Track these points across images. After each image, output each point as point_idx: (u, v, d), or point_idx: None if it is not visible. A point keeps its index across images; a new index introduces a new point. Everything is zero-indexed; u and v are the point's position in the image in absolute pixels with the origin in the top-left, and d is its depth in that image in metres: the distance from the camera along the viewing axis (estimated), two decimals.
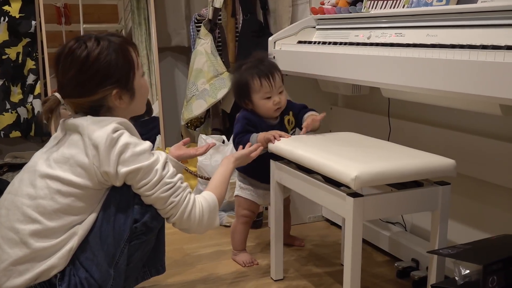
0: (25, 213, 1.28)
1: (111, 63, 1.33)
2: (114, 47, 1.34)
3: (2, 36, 2.86)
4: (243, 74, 1.88)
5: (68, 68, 1.32)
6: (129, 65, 1.37)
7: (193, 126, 3.03)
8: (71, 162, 1.29)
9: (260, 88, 1.85)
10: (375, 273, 1.90)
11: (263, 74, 1.84)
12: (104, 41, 1.34)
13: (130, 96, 1.38)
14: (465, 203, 1.76)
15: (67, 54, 1.33)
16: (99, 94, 1.33)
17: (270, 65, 1.89)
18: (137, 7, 3.19)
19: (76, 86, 1.33)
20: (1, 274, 1.27)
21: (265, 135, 1.78)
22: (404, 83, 1.48)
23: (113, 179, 1.30)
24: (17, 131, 2.95)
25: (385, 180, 1.41)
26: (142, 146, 1.32)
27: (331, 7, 2.05)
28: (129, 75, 1.37)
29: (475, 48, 1.32)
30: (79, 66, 1.31)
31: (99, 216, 1.32)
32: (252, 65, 1.88)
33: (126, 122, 1.34)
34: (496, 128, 1.63)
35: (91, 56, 1.31)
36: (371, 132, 1.86)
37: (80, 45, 1.32)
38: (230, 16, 2.94)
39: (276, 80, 1.86)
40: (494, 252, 1.30)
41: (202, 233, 1.46)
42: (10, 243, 1.27)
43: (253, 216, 2.03)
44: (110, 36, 1.37)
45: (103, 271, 1.30)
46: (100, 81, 1.32)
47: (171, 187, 1.35)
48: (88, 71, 1.31)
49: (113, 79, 1.33)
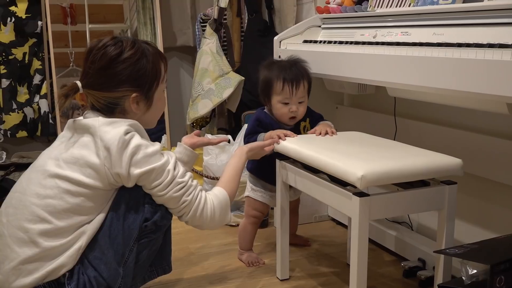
0: (34, 212, 1.28)
1: (140, 66, 1.36)
2: (147, 54, 1.38)
3: (9, 36, 2.88)
4: (272, 72, 1.85)
5: (98, 59, 1.34)
6: (155, 74, 1.40)
7: (198, 126, 3.04)
8: (80, 162, 1.30)
9: (280, 92, 1.82)
10: (382, 273, 1.89)
11: (288, 79, 1.81)
12: (140, 45, 1.38)
13: (147, 105, 1.41)
14: (472, 202, 1.75)
15: (101, 47, 1.35)
16: (119, 92, 1.35)
17: (300, 72, 1.84)
18: (143, 7, 3.20)
19: (100, 77, 1.35)
20: (10, 273, 1.27)
21: (271, 134, 1.77)
22: (410, 82, 1.48)
23: (125, 181, 1.31)
24: (23, 131, 2.97)
25: (391, 180, 1.40)
26: (153, 148, 1.33)
27: (336, 6, 2.04)
28: (152, 84, 1.40)
29: (481, 47, 1.31)
30: (109, 60, 1.34)
31: (108, 215, 1.33)
32: (283, 66, 1.85)
33: (136, 124, 1.36)
34: (503, 127, 1.63)
35: (123, 54, 1.35)
36: (377, 131, 1.85)
37: (116, 42, 1.36)
38: (235, 16, 2.94)
39: (299, 89, 1.82)
40: (502, 252, 1.30)
41: (215, 229, 1.48)
42: (19, 242, 1.28)
43: (262, 217, 2.02)
44: (146, 43, 1.41)
45: (112, 270, 1.30)
46: (125, 80, 1.35)
47: (183, 186, 1.36)
48: (116, 67, 1.34)
49: (137, 82, 1.37)
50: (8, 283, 1.27)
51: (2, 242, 1.30)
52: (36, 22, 2.90)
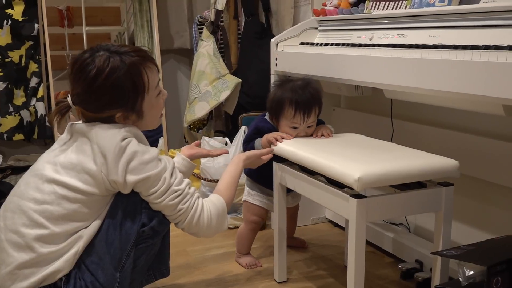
0: (31, 217, 1.27)
1: (116, 86, 1.30)
2: (124, 70, 1.30)
3: (5, 39, 2.87)
4: (284, 93, 1.77)
5: (77, 82, 1.32)
6: (136, 89, 1.33)
7: (195, 128, 3.03)
8: (78, 168, 1.29)
9: (291, 118, 1.76)
10: (379, 275, 1.89)
11: (301, 106, 1.74)
12: (116, 61, 1.29)
13: (137, 117, 1.37)
14: (469, 203, 1.75)
15: (78, 67, 1.31)
16: (104, 113, 1.33)
17: (312, 96, 1.76)
18: (140, 10, 3.20)
19: (83, 102, 1.33)
20: (7, 277, 1.27)
21: (267, 137, 1.77)
22: (407, 84, 1.48)
23: (122, 187, 1.30)
24: (20, 134, 2.96)
25: (388, 181, 1.40)
26: (150, 154, 1.32)
27: (333, 8, 2.05)
28: (136, 99, 1.34)
29: (477, 49, 1.31)
30: (87, 85, 1.30)
31: (105, 220, 1.32)
32: (296, 88, 1.76)
33: (134, 129, 1.35)
34: (499, 128, 1.63)
35: (99, 78, 1.28)
36: (373, 133, 1.85)
37: (92, 61, 1.29)
38: (232, 18, 2.94)
39: (311, 116, 1.76)
40: (498, 253, 1.30)
41: (211, 237, 1.47)
42: (15, 247, 1.27)
43: (261, 221, 2.01)
44: (125, 54, 1.32)
45: (108, 275, 1.30)
46: (106, 104, 1.32)
47: (179, 194, 1.35)
48: (94, 93, 1.30)
49: (118, 104, 1.32)
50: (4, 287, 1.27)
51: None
52: (33, 25, 2.90)
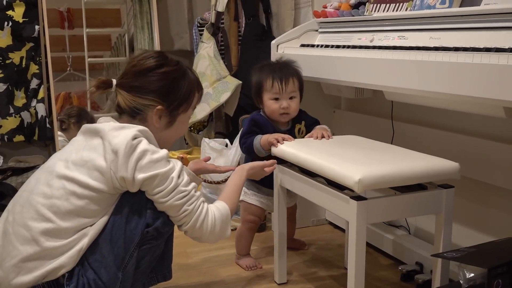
0: (38, 211, 1.29)
1: (175, 84, 1.42)
2: (186, 77, 1.45)
3: (6, 40, 2.87)
4: (262, 73, 1.91)
5: (141, 64, 1.40)
6: (187, 98, 1.45)
7: (196, 130, 3.03)
8: (89, 165, 1.31)
9: (270, 88, 1.87)
10: (379, 277, 1.89)
11: (277, 76, 1.86)
12: (183, 67, 1.45)
13: (168, 122, 1.44)
14: (469, 206, 1.75)
15: (146, 56, 1.42)
16: (146, 100, 1.39)
17: (289, 71, 1.89)
18: (140, 11, 3.20)
19: (135, 80, 1.40)
20: (11, 270, 1.28)
21: (268, 137, 1.78)
22: (407, 86, 1.48)
23: (130, 185, 1.31)
24: (20, 135, 2.95)
25: (388, 183, 1.40)
26: (160, 154, 1.34)
27: (333, 10, 2.05)
28: (181, 105, 1.44)
29: (478, 51, 1.31)
30: (149, 68, 1.40)
31: (110, 219, 1.33)
32: (273, 66, 1.91)
33: (146, 130, 1.36)
34: (500, 130, 1.63)
35: (164, 67, 1.41)
36: (374, 135, 1.85)
37: (163, 57, 1.43)
38: (232, 20, 2.94)
39: (289, 85, 1.86)
40: (499, 255, 1.30)
41: (213, 243, 1.47)
42: (21, 240, 1.29)
43: (259, 221, 2.02)
44: (190, 70, 1.48)
45: (111, 274, 1.30)
46: (155, 90, 1.40)
47: (185, 195, 1.36)
48: (153, 76, 1.40)
49: (167, 97, 1.41)
50: (7, 280, 1.28)
51: (6, 239, 1.31)
52: (33, 26, 2.90)
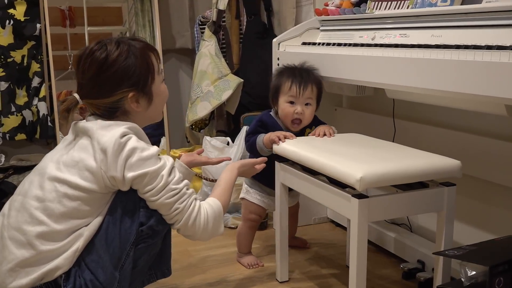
0: (32, 215, 1.29)
1: (129, 65, 1.35)
2: (133, 51, 1.36)
3: (7, 39, 2.88)
4: (282, 74, 1.88)
5: (87, 69, 1.34)
6: (147, 69, 1.38)
7: (197, 128, 3.04)
8: (79, 165, 1.30)
9: (288, 91, 1.84)
10: (381, 275, 1.89)
11: (297, 79, 1.84)
12: (124, 44, 1.36)
13: (148, 101, 1.40)
14: (471, 204, 1.75)
15: (87, 55, 1.35)
16: (116, 96, 1.35)
17: (310, 77, 1.86)
18: (141, 10, 3.20)
19: (94, 86, 1.35)
20: (8, 274, 1.28)
21: (270, 135, 1.77)
22: (409, 84, 1.48)
23: (120, 184, 1.30)
24: (22, 134, 2.96)
25: (390, 181, 1.40)
26: (149, 151, 1.32)
27: (335, 8, 2.04)
28: (147, 79, 1.38)
29: (480, 49, 1.31)
30: (97, 67, 1.33)
31: (105, 218, 1.32)
32: (294, 70, 1.88)
33: (135, 127, 1.35)
34: (501, 128, 1.63)
35: (110, 58, 1.33)
36: (375, 133, 1.85)
37: (100, 47, 1.35)
38: (234, 18, 2.94)
39: (307, 91, 1.83)
40: (500, 253, 1.30)
41: (207, 240, 1.46)
42: (17, 244, 1.28)
43: (260, 220, 2.02)
44: (131, 40, 1.39)
45: (108, 274, 1.30)
46: (118, 82, 1.34)
47: (176, 193, 1.34)
48: (106, 72, 1.33)
49: (131, 81, 1.35)
50: (5, 284, 1.28)
51: (2, 244, 1.31)
52: (35, 25, 2.90)
